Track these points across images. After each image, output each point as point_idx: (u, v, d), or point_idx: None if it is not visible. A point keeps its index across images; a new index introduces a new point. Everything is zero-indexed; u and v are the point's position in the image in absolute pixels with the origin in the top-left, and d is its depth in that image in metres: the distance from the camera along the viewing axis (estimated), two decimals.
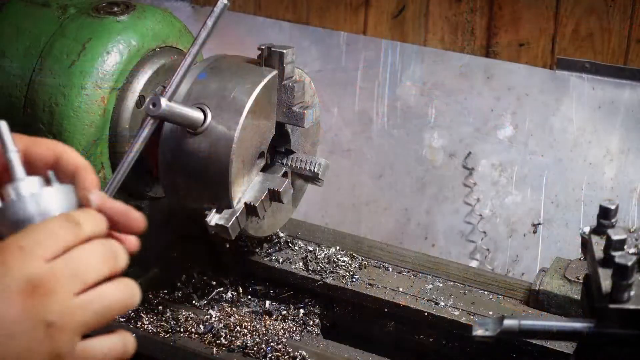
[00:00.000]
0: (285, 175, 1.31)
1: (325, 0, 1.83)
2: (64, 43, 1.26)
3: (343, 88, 1.85)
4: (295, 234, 1.48)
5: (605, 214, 1.01)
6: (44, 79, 1.26)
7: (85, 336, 0.76)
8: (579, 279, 1.33)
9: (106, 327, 0.78)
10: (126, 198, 1.32)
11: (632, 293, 0.92)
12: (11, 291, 0.73)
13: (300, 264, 1.41)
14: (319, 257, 1.43)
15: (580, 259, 1.39)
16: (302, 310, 1.39)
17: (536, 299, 1.35)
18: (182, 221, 1.45)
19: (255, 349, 1.26)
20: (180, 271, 1.43)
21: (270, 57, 1.23)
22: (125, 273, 0.78)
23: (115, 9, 1.31)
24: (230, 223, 1.19)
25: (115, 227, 0.81)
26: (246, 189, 1.22)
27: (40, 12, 1.31)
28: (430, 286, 1.41)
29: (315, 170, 1.33)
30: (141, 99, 1.29)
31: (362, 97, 1.85)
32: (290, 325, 1.34)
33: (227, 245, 1.42)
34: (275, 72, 1.23)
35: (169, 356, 1.29)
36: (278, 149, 1.33)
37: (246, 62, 1.26)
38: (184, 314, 1.34)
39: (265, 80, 1.21)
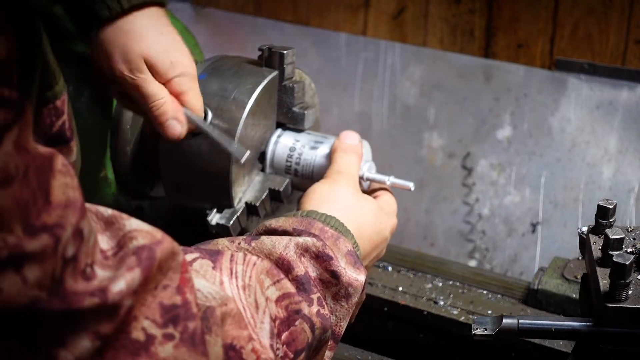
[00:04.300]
0: None
1: (325, 1, 1.84)
2: None
3: (343, 88, 1.86)
4: None
5: (603, 214, 1.01)
6: None
7: None
8: (577, 278, 1.34)
9: None
10: (127, 198, 1.32)
11: (629, 292, 0.93)
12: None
13: None
14: None
15: (578, 259, 1.39)
16: None
17: (535, 298, 1.36)
18: (183, 221, 1.45)
19: None
20: None
21: (270, 58, 1.24)
22: None
23: None
24: (231, 223, 1.20)
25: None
26: (247, 188, 1.23)
27: None
28: (430, 285, 1.42)
29: None
30: None
31: (361, 98, 1.85)
32: None
33: None
34: (275, 72, 1.23)
35: None
36: None
37: (246, 63, 1.26)
38: None
39: (266, 80, 1.22)
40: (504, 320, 0.97)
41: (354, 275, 1.01)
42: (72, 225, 0.66)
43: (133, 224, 0.75)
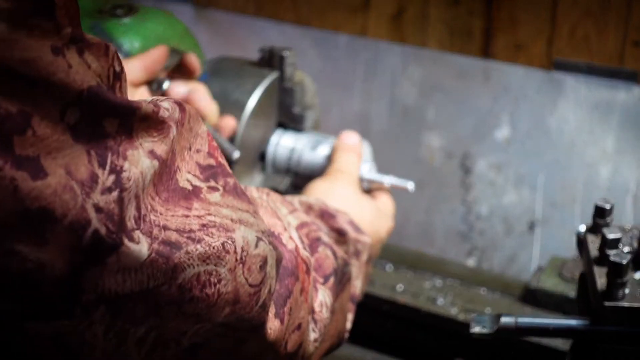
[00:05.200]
0: None
1: (326, 2, 1.84)
2: None
3: (343, 89, 1.86)
4: None
5: (601, 213, 1.02)
6: None
7: None
8: (574, 278, 1.35)
9: None
10: None
11: (626, 291, 0.93)
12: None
13: None
14: None
15: (576, 258, 1.40)
16: None
17: (533, 297, 1.37)
18: None
19: None
20: None
21: (271, 59, 1.25)
22: None
23: (119, 11, 1.32)
24: None
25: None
26: None
27: None
28: (429, 284, 1.43)
29: None
30: None
31: (361, 98, 1.86)
32: None
33: None
34: (276, 73, 1.24)
35: None
36: None
37: (247, 64, 1.27)
38: None
39: (267, 81, 1.23)
40: (502, 319, 0.98)
41: (359, 236, 1.00)
42: (112, 51, 0.66)
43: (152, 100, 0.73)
